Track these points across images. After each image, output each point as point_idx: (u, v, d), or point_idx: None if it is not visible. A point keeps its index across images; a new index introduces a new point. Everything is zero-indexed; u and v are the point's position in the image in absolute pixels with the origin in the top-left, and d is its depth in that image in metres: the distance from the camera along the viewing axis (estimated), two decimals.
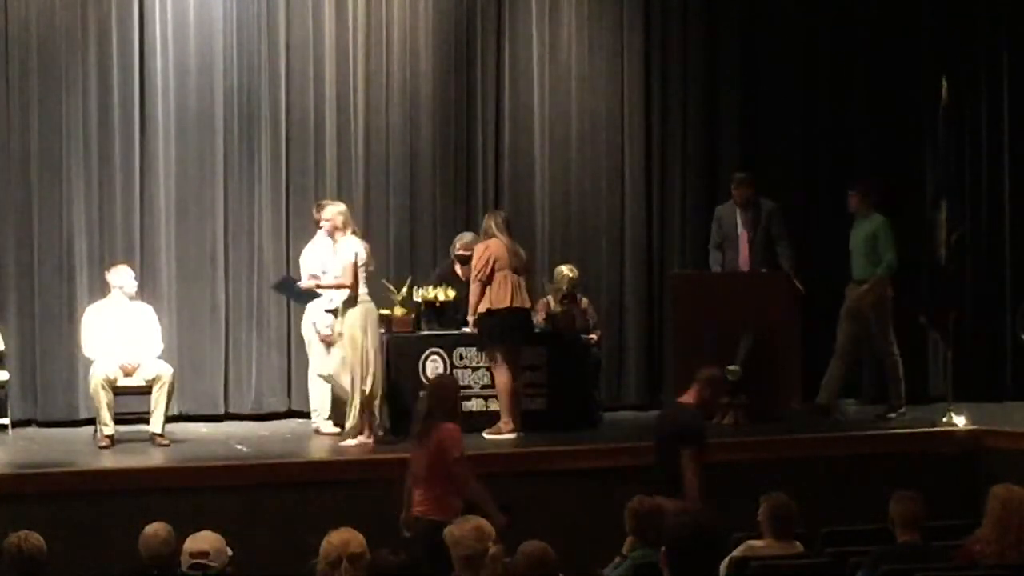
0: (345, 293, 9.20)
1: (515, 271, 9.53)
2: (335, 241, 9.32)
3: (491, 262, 9.45)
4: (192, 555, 5.46)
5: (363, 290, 9.25)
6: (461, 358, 9.90)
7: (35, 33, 10.43)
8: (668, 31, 11.96)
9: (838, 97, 12.13)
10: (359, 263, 9.20)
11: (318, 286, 9.40)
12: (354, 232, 9.38)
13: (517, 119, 11.62)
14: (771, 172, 11.65)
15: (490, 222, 9.68)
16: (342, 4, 11.15)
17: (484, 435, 9.45)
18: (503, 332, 9.48)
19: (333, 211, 9.43)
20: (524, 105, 11.63)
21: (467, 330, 9.81)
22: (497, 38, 11.57)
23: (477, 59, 11.51)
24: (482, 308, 9.47)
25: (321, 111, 11.09)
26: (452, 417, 7.26)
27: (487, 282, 9.45)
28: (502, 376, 9.48)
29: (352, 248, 9.24)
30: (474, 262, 9.56)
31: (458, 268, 10.35)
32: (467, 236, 10.34)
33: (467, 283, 9.93)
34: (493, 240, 9.55)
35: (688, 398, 7.75)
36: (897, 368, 10.59)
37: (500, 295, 9.44)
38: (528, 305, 9.69)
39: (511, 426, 9.46)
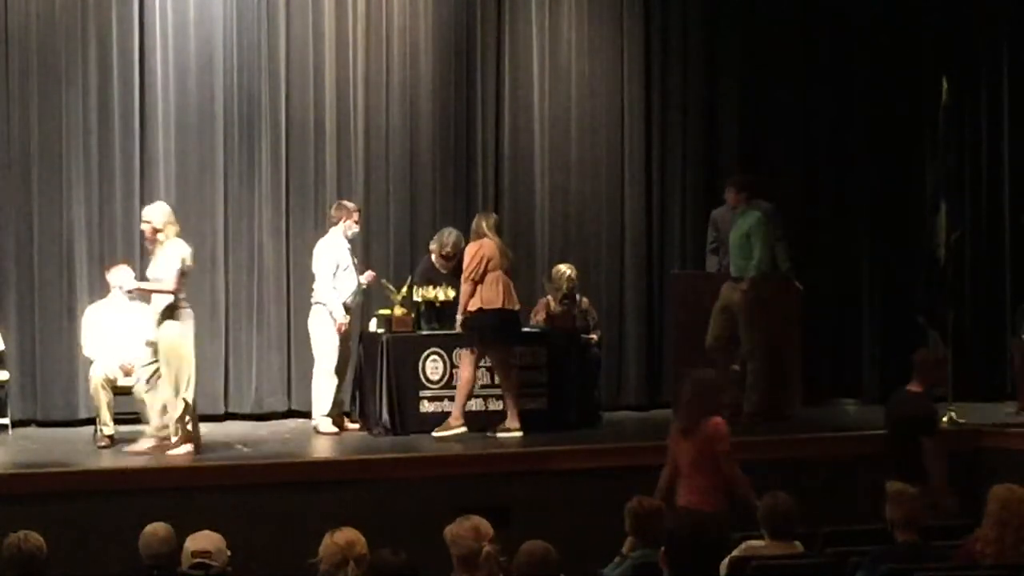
0: (166, 300, 8.73)
1: (506, 272, 9.53)
2: (157, 243, 8.82)
3: (484, 261, 9.44)
4: (194, 554, 5.46)
5: (182, 295, 8.83)
6: (461, 358, 9.88)
7: (35, 32, 10.44)
8: (668, 31, 11.96)
9: (838, 97, 12.13)
10: (184, 268, 8.78)
11: (139, 290, 8.88)
12: (178, 233, 8.90)
13: (517, 119, 11.62)
14: (770, 172, 11.66)
15: (481, 223, 9.65)
16: (342, 4, 11.15)
17: (434, 434, 9.47)
18: (493, 332, 9.47)
19: (153, 212, 8.94)
20: (524, 105, 11.63)
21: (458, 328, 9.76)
22: (497, 38, 11.57)
23: (477, 59, 11.51)
24: (473, 307, 9.45)
25: (321, 111, 11.09)
26: (716, 411, 7.42)
27: (479, 281, 9.44)
28: (465, 371, 9.51)
29: (178, 253, 8.79)
30: (466, 261, 9.54)
31: (435, 259, 10.30)
32: (453, 235, 10.26)
33: (449, 276, 9.97)
34: (486, 240, 9.53)
35: (916, 387, 7.83)
36: (756, 375, 10.06)
37: (492, 295, 9.42)
38: (518, 307, 9.66)
39: (460, 421, 9.47)
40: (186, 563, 5.51)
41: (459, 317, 9.62)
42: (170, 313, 8.74)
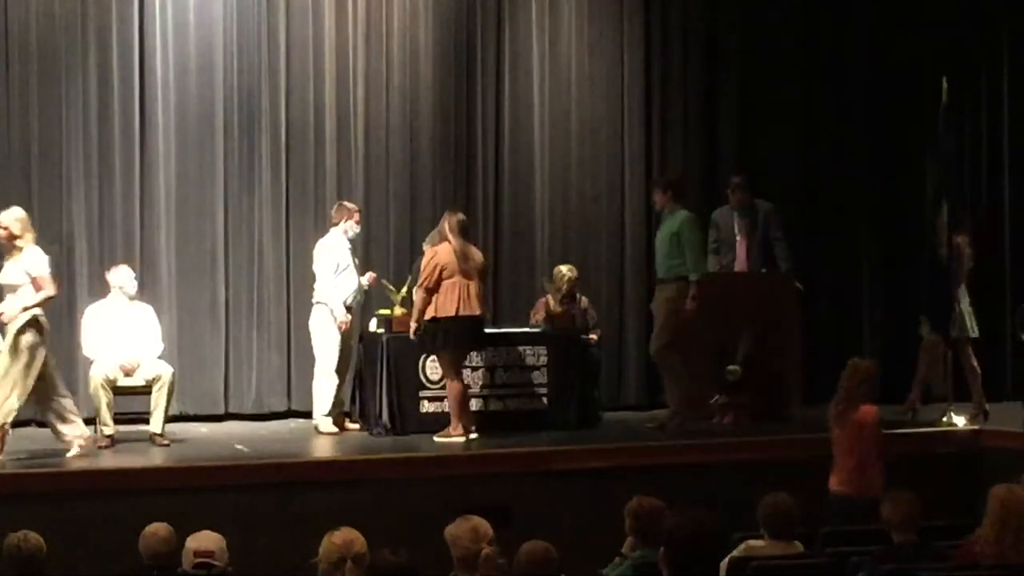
0: (38, 309, 8.38)
1: (465, 275, 9.35)
2: (15, 250, 8.43)
3: (437, 269, 9.30)
4: (197, 554, 5.47)
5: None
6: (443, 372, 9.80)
7: (35, 33, 10.44)
8: (668, 31, 11.96)
9: (838, 96, 12.14)
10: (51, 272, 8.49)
11: (24, 308, 8.35)
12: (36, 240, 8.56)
13: (517, 119, 11.62)
14: (770, 172, 11.67)
15: (445, 224, 9.49)
16: (342, 4, 11.15)
17: (434, 439, 9.40)
18: (447, 340, 9.34)
19: (8, 218, 8.49)
20: (524, 105, 11.63)
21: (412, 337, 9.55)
22: (497, 38, 11.57)
23: (477, 59, 11.51)
24: (428, 315, 9.31)
25: (321, 111, 11.09)
26: (869, 399, 7.76)
27: (434, 290, 9.31)
28: (452, 382, 9.45)
29: (43, 258, 8.45)
30: (421, 268, 9.44)
31: None
32: None
33: None
34: (442, 245, 9.39)
35: None
36: (672, 376, 9.93)
37: (446, 303, 9.27)
38: (477, 312, 9.41)
39: (460, 431, 9.37)
40: (188, 563, 5.52)
41: (412, 325, 9.44)
42: (35, 322, 8.42)
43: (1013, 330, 11.56)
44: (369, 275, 10.25)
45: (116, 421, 9.28)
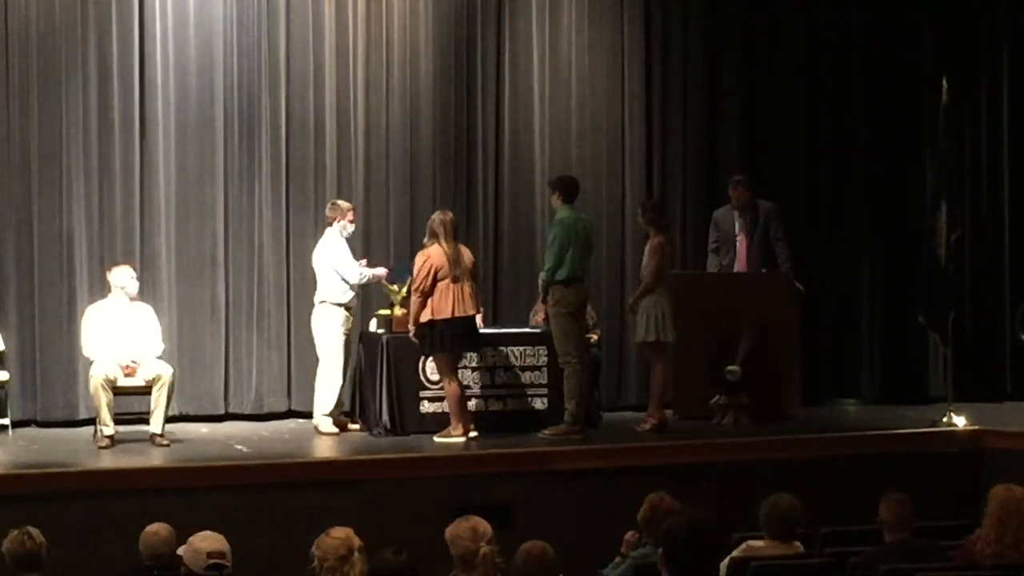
0: None
1: (458, 276, 9.32)
2: None
3: (431, 272, 9.29)
4: (210, 555, 5.44)
5: None
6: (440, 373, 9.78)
7: (35, 33, 10.43)
8: (668, 31, 11.96)
9: (838, 97, 12.14)
10: None
11: None
12: None
13: (517, 119, 11.62)
14: (770, 172, 11.67)
15: (434, 225, 9.48)
16: (342, 5, 11.15)
17: (434, 439, 9.40)
18: (443, 341, 9.33)
19: None
20: (524, 105, 11.63)
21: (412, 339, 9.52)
22: (497, 38, 11.57)
23: (477, 59, 11.51)
24: (424, 318, 9.30)
25: (321, 111, 11.09)
26: None
27: (428, 293, 9.29)
28: (450, 383, 9.45)
29: None
30: (414, 272, 9.43)
31: None
32: None
33: None
34: (433, 248, 9.37)
35: None
36: (571, 379, 9.54)
37: (441, 305, 9.27)
38: (471, 312, 9.44)
39: (460, 430, 9.36)
40: (199, 564, 5.48)
41: (410, 327, 9.43)
42: None
43: (1013, 330, 11.58)
44: (381, 269, 10.17)
45: (116, 421, 9.28)
